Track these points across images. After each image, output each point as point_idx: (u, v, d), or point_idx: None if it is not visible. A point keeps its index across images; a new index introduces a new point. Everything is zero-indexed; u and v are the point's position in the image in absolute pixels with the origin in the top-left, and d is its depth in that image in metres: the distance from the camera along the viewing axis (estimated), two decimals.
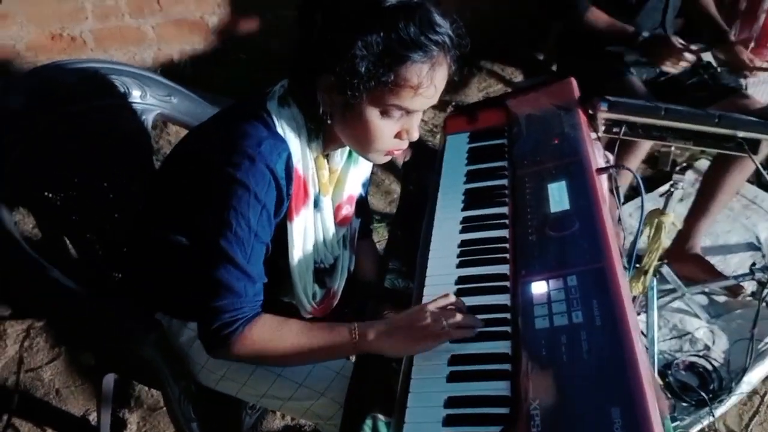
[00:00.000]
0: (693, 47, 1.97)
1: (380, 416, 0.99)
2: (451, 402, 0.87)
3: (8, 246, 1.12)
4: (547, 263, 1.01)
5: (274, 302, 1.07)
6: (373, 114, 0.96)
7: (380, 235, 2.25)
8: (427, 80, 0.93)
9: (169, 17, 2.59)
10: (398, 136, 1.01)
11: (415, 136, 1.03)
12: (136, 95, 1.32)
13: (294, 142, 1.01)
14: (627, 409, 0.75)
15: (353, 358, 1.08)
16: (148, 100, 1.34)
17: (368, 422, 0.98)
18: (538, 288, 0.97)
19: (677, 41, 1.95)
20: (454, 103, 1.57)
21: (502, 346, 0.93)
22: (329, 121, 1.00)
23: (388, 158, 1.06)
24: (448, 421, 0.85)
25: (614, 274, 0.93)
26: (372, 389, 1.01)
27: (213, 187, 0.97)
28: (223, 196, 0.95)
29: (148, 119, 1.34)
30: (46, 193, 1.27)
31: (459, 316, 0.97)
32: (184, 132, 1.26)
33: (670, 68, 1.99)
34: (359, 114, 0.96)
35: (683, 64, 1.96)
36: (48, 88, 1.24)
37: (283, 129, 1.01)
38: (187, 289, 1.01)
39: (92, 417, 1.70)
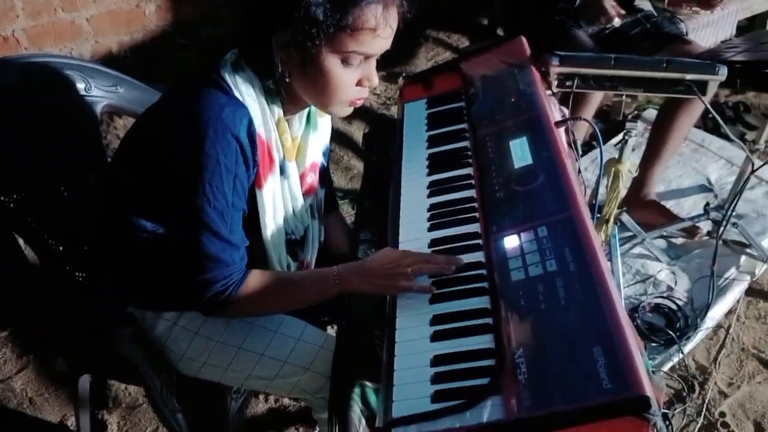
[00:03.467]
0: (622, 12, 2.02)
1: (368, 384, 1.00)
2: (437, 360, 0.88)
3: None
4: (517, 217, 1.03)
5: None
6: (333, 63, 0.98)
7: (344, 212, 2.24)
8: (383, 21, 0.96)
9: (103, 8, 2.50)
10: (359, 84, 1.03)
11: (376, 82, 1.05)
12: (80, 87, 1.26)
13: (253, 106, 1.00)
14: (608, 347, 0.77)
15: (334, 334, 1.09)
16: (93, 92, 1.29)
17: (357, 391, 0.99)
18: (511, 242, 0.99)
19: (610, 4, 1.99)
20: (404, 75, 1.56)
21: (482, 302, 0.94)
22: (287, 80, 1.00)
23: (350, 110, 1.07)
24: (437, 378, 0.86)
25: (582, 220, 0.96)
26: (357, 358, 1.02)
27: (184, 163, 0.96)
28: (196, 171, 0.95)
29: (96, 111, 1.29)
30: None
31: (422, 264, 1.01)
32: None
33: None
34: (320, 66, 0.97)
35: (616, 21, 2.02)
36: None
37: (241, 93, 1.00)
38: (161, 277, 1.00)
39: (70, 422, 1.66)
